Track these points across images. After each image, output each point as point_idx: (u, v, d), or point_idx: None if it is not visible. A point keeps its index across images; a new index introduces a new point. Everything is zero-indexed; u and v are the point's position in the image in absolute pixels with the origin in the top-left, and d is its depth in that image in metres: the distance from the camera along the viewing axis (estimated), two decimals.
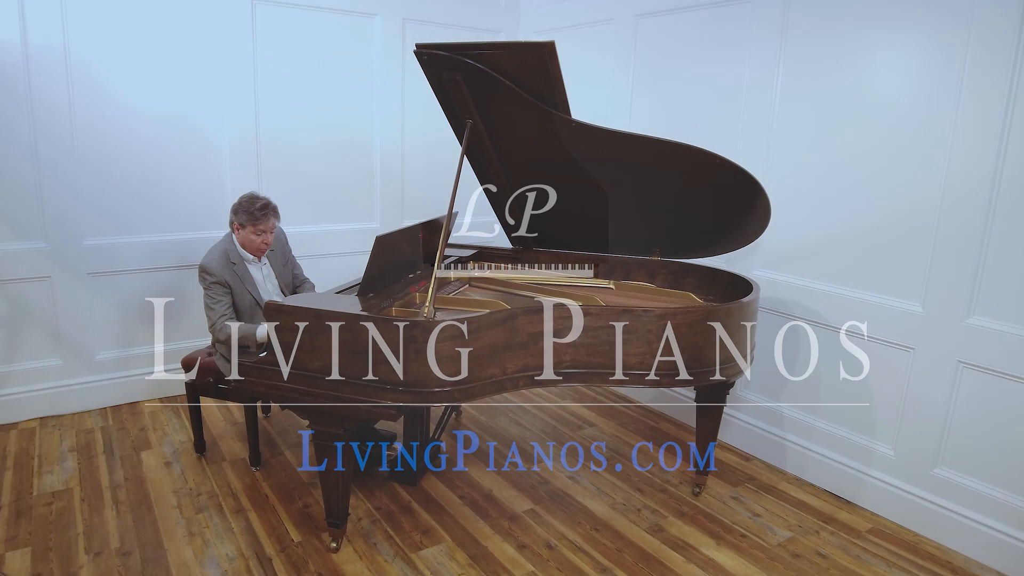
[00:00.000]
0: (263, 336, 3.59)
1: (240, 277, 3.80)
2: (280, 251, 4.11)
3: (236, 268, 3.81)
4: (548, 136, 3.53)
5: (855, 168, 3.73)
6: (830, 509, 3.84)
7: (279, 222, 3.93)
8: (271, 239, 3.87)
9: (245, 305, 3.81)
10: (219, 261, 3.77)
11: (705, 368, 3.24)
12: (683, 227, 3.86)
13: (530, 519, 3.62)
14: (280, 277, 4.07)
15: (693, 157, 3.40)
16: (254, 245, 3.83)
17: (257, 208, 3.77)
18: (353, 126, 5.37)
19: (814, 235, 3.97)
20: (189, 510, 3.59)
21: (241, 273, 3.82)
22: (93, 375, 4.70)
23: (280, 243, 4.13)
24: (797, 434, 4.17)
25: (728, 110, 4.33)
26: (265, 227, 3.80)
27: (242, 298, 3.80)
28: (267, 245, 3.86)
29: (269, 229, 3.83)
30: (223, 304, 3.71)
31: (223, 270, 3.75)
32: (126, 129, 4.50)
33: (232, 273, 3.78)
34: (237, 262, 3.83)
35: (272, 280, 4.02)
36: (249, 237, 3.81)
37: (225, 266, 3.77)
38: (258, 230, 3.79)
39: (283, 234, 4.19)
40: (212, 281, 3.72)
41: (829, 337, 3.94)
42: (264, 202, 3.81)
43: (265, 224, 3.80)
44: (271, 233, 3.85)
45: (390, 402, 2.87)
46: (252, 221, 3.78)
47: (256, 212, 3.77)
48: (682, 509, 3.77)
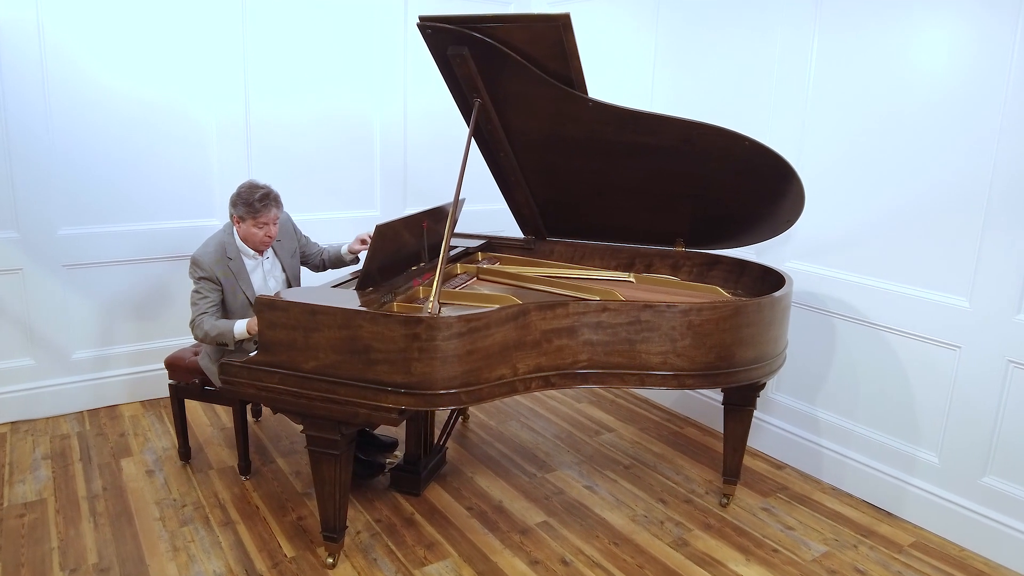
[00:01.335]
0: (241, 332, 3.52)
1: (235, 274, 3.72)
2: (288, 240, 4.02)
3: (231, 264, 3.72)
4: (563, 116, 3.52)
5: (897, 150, 3.70)
6: (869, 521, 3.82)
7: (282, 211, 3.82)
8: (275, 231, 3.77)
9: (237, 305, 3.73)
10: (213, 255, 3.68)
11: (734, 368, 3.23)
12: (709, 215, 3.84)
13: (543, 532, 3.62)
14: (289, 270, 3.99)
15: (720, 139, 3.39)
16: (256, 239, 3.73)
17: (257, 199, 3.66)
18: (351, 106, 5.37)
19: (852, 224, 3.95)
20: (173, 523, 3.59)
21: (236, 270, 3.73)
22: (69, 376, 4.71)
23: (287, 231, 4.03)
24: (833, 440, 4.15)
25: (758, 87, 4.31)
26: (267, 219, 3.69)
27: (234, 297, 3.72)
28: (271, 239, 3.76)
29: (272, 221, 3.72)
30: (207, 301, 3.63)
31: (215, 264, 3.67)
32: (105, 110, 4.50)
33: (226, 269, 3.70)
34: (234, 257, 3.74)
35: (277, 276, 3.94)
36: (250, 231, 3.71)
37: (219, 261, 3.68)
38: (259, 223, 3.69)
39: (290, 220, 4.09)
40: (201, 276, 3.64)
41: (867, 334, 3.92)
42: (265, 191, 3.69)
43: (267, 216, 3.69)
44: (274, 225, 3.75)
45: (391, 405, 2.87)
46: (252, 214, 3.67)
47: (256, 204, 3.66)
48: (708, 521, 3.76)
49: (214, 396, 3.95)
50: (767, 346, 3.32)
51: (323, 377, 2.91)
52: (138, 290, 4.83)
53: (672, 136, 3.48)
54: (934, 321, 3.64)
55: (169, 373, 4.02)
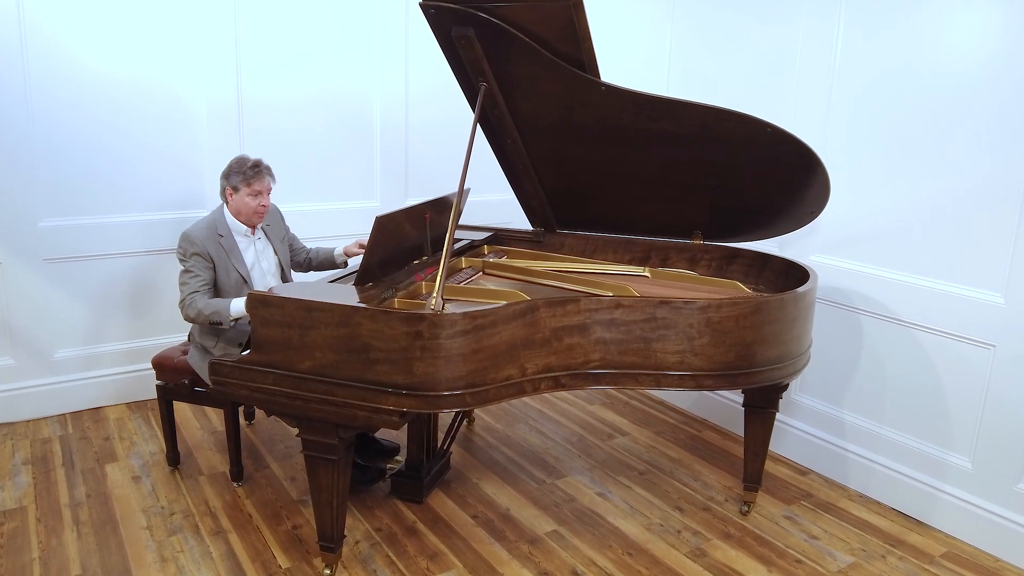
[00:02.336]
0: (238, 311, 3.58)
1: (226, 251, 3.85)
2: (276, 227, 4.17)
3: (223, 241, 3.85)
4: (574, 101, 3.52)
5: (927, 138, 3.69)
6: (898, 531, 3.82)
7: (275, 184, 3.98)
8: (268, 202, 3.93)
9: (231, 283, 3.84)
10: (205, 231, 3.81)
11: (755, 368, 3.23)
12: (729, 206, 3.84)
13: (553, 542, 3.62)
14: (280, 254, 4.13)
15: (741, 125, 3.39)
16: (250, 210, 3.87)
17: (250, 167, 3.84)
18: (349, 90, 5.37)
19: (880, 215, 3.94)
20: (161, 532, 3.59)
21: (228, 247, 3.86)
22: (50, 377, 4.72)
23: (276, 218, 4.19)
24: (860, 444, 4.15)
25: (781, 72, 4.30)
26: (261, 187, 3.86)
27: (227, 275, 3.83)
28: (265, 208, 3.91)
29: (265, 190, 3.89)
30: (199, 280, 3.73)
31: (207, 241, 3.78)
32: (89, 92, 4.50)
33: (217, 246, 3.82)
34: (225, 234, 3.87)
35: (269, 258, 4.07)
36: (244, 200, 3.85)
37: (210, 237, 3.81)
38: (254, 191, 3.85)
39: (278, 210, 4.26)
40: (193, 252, 3.74)
41: (896, 332, 3.92)
42: (257, 160, 3.88)
43: (260, 184, 3.85)
44: (268, 195, 3.92)
45: (392, 407, 2.87)
46: (246, 181, 3.83)
47: (249, 171, 3.83)
48: (728, 530, 3.76)
49: (204, 398, 3.96)
50: (790, 345, 3.32)
51: (320, 378, 2.91)
52: (124, 285, 4.83)
53: (690, 122, 3.47)
54: (967, 318, 3.63)
55: (157, 373, 4.02)
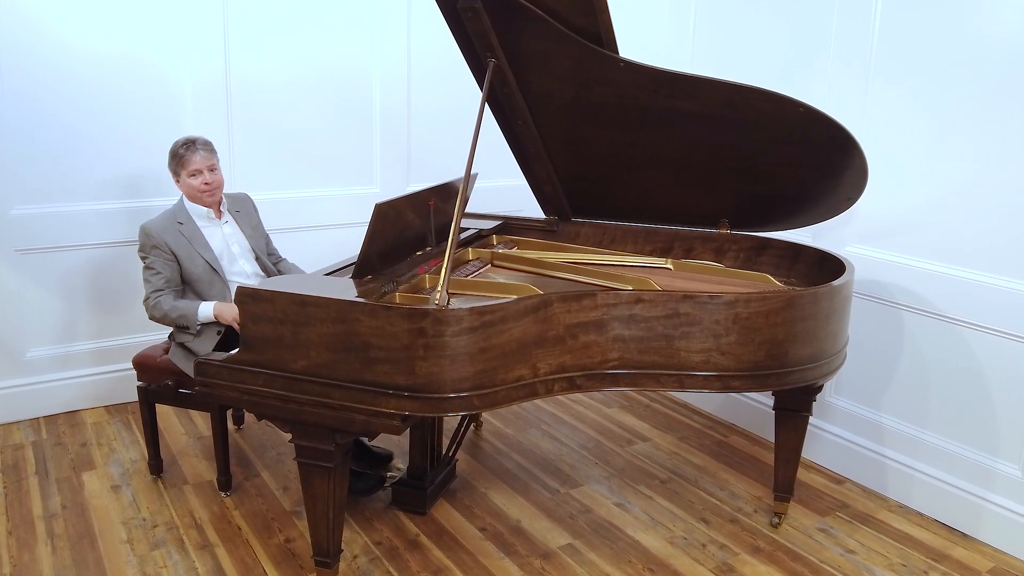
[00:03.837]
0: (207, 316, 3.73)
1: (188, 239, 3.90)
2: (247, 215, 4.22)
3: (183, 228, 3.91)
4: (590, 79, 3.52)
5: (975, 118, 3.68)
6: (942, 544, 3.82)
7: (216, 158, 4.01)
8: (211, 177, 3.95)
9: (199, 271, 3.90)
10: (162, 222, 3.89)
11: (786, 368, 3.23)
12: (757, 193, 3.84)
13: (568, 557, 3.63)
14: (251, 240, 4.16)
15: (770, 104, 3.38)
16: (196, 191, 3.93)
17: (181, 146, 3.90)
18: (347, 66, 5.37)
19: (922, 202, 3.93)
20: (142, 546, 3.61)
21: (190, 234, 3.91)
22: (22, 378, 4.74)
23: (246, 206, 4.25)
24: (900, 451, 4.15)
25: (814, 47, 4.29)
26: (197, 165, 3.89)
27: (193, 263, 3.89)
28: (210, 186, 3.94)
29: (204, 167, 3.91)
30: (161, 278, 3.82)
31: (165, 231, 3.85)
32: (64, 69, 4.51)
33: (177, 235, 3.88)
34: (185, 221, 3.94)
35: (240, 242, 4.11)
36: (187, 183, 3.92)
37: (169, 227, 3.88)
38: (191, 171, 3.90)
39: (249, 199, 4.31)
40: (152, 245, 3.82)
41: (940, 329, 3.91)
42: (188, 139, 3.93)
43: (195, 162, 3.89)
44: (211, 172, 3.94)
45: (393, 411, 2.86)
46: (181, 163, 3.89)
47: (180, 151, 3.89)
48: (757, 544, 3.77)
49: (189, 400, 3.97)
50: (825, 343, 3.32)
51: (315, 379, 2.91)
52: (103, 278, 4.85)
53: (715, 101, 3.47)
54: (1017, 313, 3.63)
55: (138, 374, 4.03)
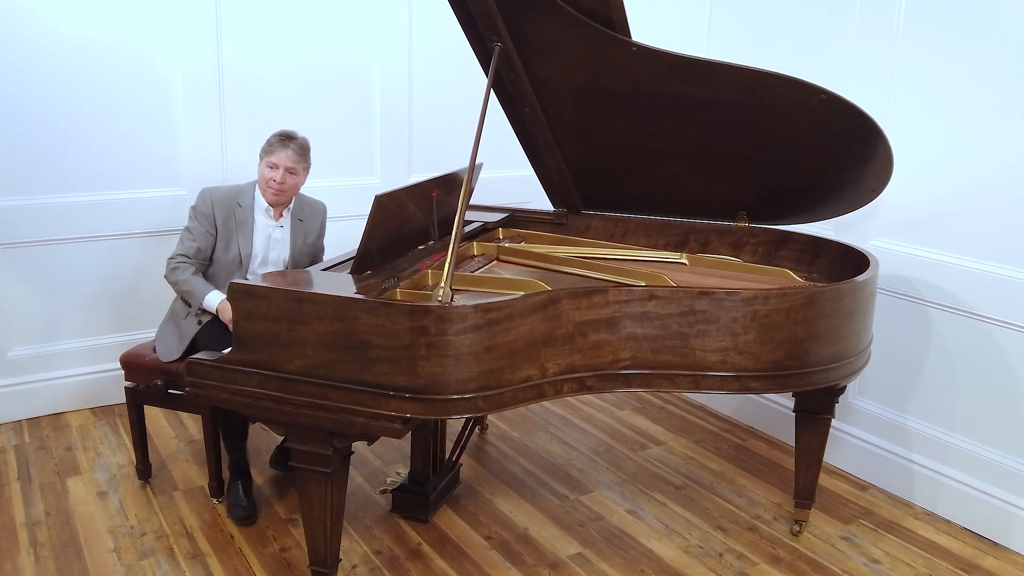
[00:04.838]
0: (210, 305, 3.81)
1: (237, 222, 3.98)
2: (308, 227, 4.21)
3: (239, 211, 4.01)
4: (601, 64, 3.51)
5: (1007, 105, 3.68)
6: (971, 553, 3.82)
7: (304, 165, 4.03)
8: (287, 180, 3.96)
9: (227, 259, 3.98)
10: (225, 194, 4.03)
11: (807, 368, 3.23)
12: (777, 184, 3.84)
13: (578, 566, 3.64)
14: (295, 254, 4.16)
15: (790, 91, 3.37)
16: (265, 183, 3.98)
17: (274, 136, 3.96)
18: (346, 51, 5.37)
19: (950, 194, 3.93)
20: (130, 555, 3.61)
21: (241, 219, 4.00)
22: (3, 378, 4.74)
23: (312, 213, 4.25)
24: (927, 455, 4.15)
25: (837, 31, 4.29)
26: (277, 160, 3.92)
27: (227, 248, 3.98)
28: (279, 185, 3.94)
29: (283, 166, 3.92)
30: (193, 245, 3.93)
31: (221, 204, 3.97)
32: (49, 56, 4.51)
33: (229, 213, 3.97)
34: (245, 206, 4.03)
35: (282, 251, 4.12)
36: (262, 171, 3.98)
37: (228, 201, 4.00)
38: (270, 163, 3.94)
39: (322, 212, 4.31)
40: (201, 211, 3.95)
41: (969, 327, 3.91)
42: (286, 132, 3.98)
43: (277, 156, 3.92)
44: (287, 172, 3.94)
45: (394, 413, 2.86)
46: (265, 151, 3.96)
47: (273, 139, 3.96)
48: (777, 553, 3.77)
49: (180, 402, 3.97)
50: (848, 341, 3.32)
51: (312, 379, 2.91)
52: (88, 274, 4.85)
53: (732, 88, 3.46)
54: None
55: (126, 374, 4.03)
